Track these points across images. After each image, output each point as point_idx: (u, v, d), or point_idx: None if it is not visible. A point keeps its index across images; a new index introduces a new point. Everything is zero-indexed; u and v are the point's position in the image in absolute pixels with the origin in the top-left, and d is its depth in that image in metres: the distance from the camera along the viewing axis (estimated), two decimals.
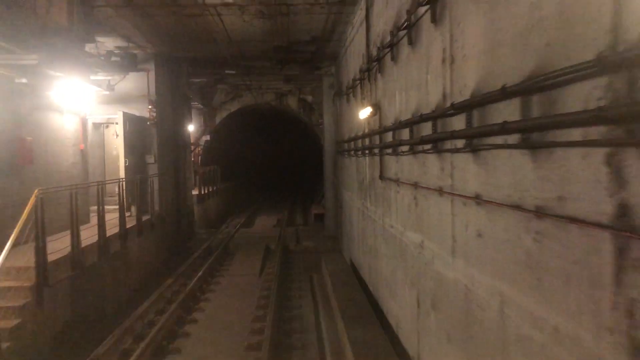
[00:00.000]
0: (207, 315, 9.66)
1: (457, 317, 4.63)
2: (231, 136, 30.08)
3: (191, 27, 11.67)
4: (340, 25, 11.73)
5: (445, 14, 4.82)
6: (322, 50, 14.28)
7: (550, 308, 2.96)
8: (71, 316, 8.18)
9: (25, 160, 9.07)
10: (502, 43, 3.59)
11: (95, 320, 8.98)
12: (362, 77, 9.80)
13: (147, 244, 12.48)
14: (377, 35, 8.50)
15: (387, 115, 7.85)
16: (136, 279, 11.53)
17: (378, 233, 8.83)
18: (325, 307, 9.71)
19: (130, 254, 11.23)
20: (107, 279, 9.86)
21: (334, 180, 16.78)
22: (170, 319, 8.82)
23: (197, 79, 17.75)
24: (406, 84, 6.53)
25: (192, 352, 7.84)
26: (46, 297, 7.32)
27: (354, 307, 8.75)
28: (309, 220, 22.85)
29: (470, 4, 4.18)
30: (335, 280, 10.78)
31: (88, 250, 8.90)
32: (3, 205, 8.34)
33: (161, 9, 10.25)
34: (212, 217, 22.50)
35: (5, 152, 8.52)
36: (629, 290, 2.28)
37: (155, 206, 13.37)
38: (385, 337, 7.36)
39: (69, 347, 7.72)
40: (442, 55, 4.93)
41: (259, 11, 10.41)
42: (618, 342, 2.35)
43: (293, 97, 24.71)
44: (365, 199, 10.27)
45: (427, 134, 5.22)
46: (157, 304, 10.01)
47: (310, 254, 15.04)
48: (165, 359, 7.56)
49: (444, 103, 4.85)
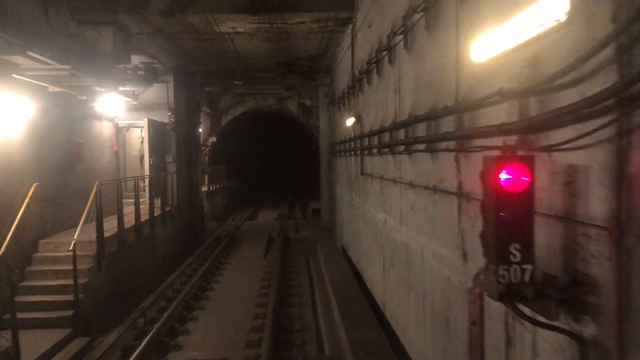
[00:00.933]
0: (221, 286, 11.88)
1: (403, 267, 6.85)
2: (236, 138, 32.26)
3: (206, 47, 13.89)
4: (332, 46, 13.96)
5: (395, 59, 7.05)
6: (318, 65, 16.51)
7: (438, 245, 5.18)
8: (116, 282, 10.39)
9: (78, 159, 11.31)
10: (420, 86, 5.81)
11: (131, 288, 11.18)
12: (348, 92, 12.01)
13: (168, 231, 14.71)
14: (359, 61, 10.72)
15: (365, 124, 10.07)
16: (161, 258, 13.75)
17: (360, 218, 11.06)
18: (318, 279, 11.94)
19: (156, 237, 13.45)
20: (140, 256, 12.07)
21: (328, 177, 19.01)
22: (194, 286, 11.05)
23: (208, 88, 19.97)
24: (376, 102, 8.76)
25: (213, 308, 10.07)
26: (103, 265, 9.55)
27: (341, 277, 10.98)
28: (307, 215, 25.08)
29: (405, 56, 6.41)
30: (327, 259, 13.01)
31: (127, 232, 11.12)
32: (64, 194, 10.57)
33: (184, 35, 12.45)
34: (219, 211, 24.73)
35: (64, 154, 10.76)
36: (462, 225, 4.50)
37: (174, 199, 15.59)
38: (362, 294, 9.60)
39: (117, 303, 9.93)
40: (395, 86, 7.16)
41: (265, 37, 12.63)
42: (459, 253, 4.57)
43: (293, 101, 26.86)
44: (352, 192, 12.50)
45: (385, 141, 7.45)
46: (180, 277, 12.25)
47: (308, 242, 17.24)
48: (193, 312, 9.79)
49: (395, 119, 7.07)
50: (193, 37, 12.60)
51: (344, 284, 10.51)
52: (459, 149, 4.54)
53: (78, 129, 11.49)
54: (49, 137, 10.16)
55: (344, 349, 7.19)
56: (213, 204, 23.52)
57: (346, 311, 8.41)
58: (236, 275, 12.84)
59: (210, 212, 22.67)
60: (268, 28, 11.76)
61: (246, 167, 36.60)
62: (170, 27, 11.58)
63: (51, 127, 10.28)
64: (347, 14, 10.64)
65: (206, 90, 20.57)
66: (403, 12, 6.38)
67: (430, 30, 5.34)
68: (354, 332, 7.31)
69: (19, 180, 8.98)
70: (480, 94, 3.87)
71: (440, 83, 5.02)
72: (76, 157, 11.21)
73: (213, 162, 27.28)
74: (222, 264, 14.06)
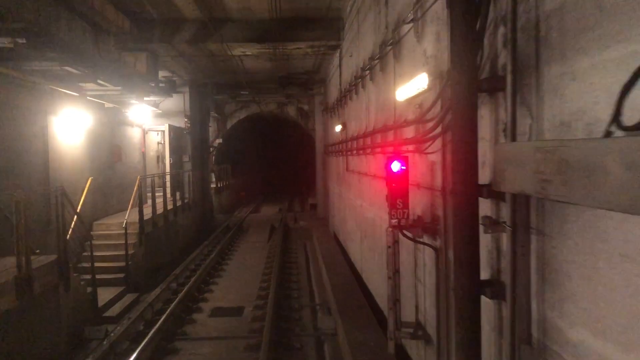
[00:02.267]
0: (233, 262, 14.54)
1: (371, 235, 9.50)
2: (240, 139, 34.90)
3: (219, 65, 16.54)
4: (325, 63, 16.62)
5: (366, 86, 9.72)
6: (313, 78, 19.17)
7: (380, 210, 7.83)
8: (151, 256, 13.03)
9: (117, 159, 13.97)
10: (379, 108, 8.47)
11: (162, 262, 13.82)
12: (337, 103, 14.67)
13: (187, 219, 17.37)
14: (344, 80, 13.38)
15: (349, 131, 12.72)
16: (182, 241, 16.40)
17: (346, 206, 13.72)
18: (312, 256, 14.61)
19: (178, 224, 16.11)
20: (166, 238, 14.72)
21: (323, 174, 21.69)
22: (212, 261, 13.71)
23: (218, 96, 22.63)
24: (355, 115, 11.42)
25: (228, 278, 12.71)
26: (143, 241, 12.21)
27: (330, 253, 13.65)
28: (305, 209, 27.74)
29: (371, 85, 9.08)
30: (320, 241, 15.68)
31: (157, 218, 13.77)
32: (108, 187, 13.24)
33: (201, 55, 15.09)
34: (226, 206, 27.40)
35: (108, 155, 13.42)
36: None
37: (190, 193, 18.25)
38: (347, 265, 12.27)
39: (152, 272, 12.58)
40: (366, 105, 9.83)
41: (268, 58, 15.29)
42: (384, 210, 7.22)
43: (292, 106, 29.45)
44: (340, 186, 15.16)
45: (360, 145, 10.12)
46: (199, 255, 14.91)
47: (305, 230, 19.92)
48: (213, 278, 12.45)
49: (366, 130, 9.73)
50: (209, 58, 15.26)
51: (332, 257, 13.19)
52: (382, 152, 7.21)
53: (117, 134, 14.16)
54: (98, 141, 12.82)
55: (328, 295, 9.87)
56: (220, 199, 26.17)
57: (332, 271, 11.11)
58: (245, 255, 15.51)
59: (218, 206, 25.32)
60: (271, 52, 14.41)
61: (249, 166, 39.23)
62: (191, 51, 14.24)
63: (99, 133, 12.95)
64: (334, 43, 13.28)
65: (215, 98, 23.22)
66: (369, 54, 9.05)
67: (383, 72, 8.01)
68: (335, 278, 10.00)
69: (80, 175, 11.64)
70: (401, 120, 6.54)
71: (388, 109, 7.69)
72: (116, 157, 13.87)
73: (219, 162, 29.91)
74: (232, 247, 16.72)
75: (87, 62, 10.54)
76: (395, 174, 5.32)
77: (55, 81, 9.99)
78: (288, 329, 8.79)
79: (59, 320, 7.74)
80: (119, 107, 13.31)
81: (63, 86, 10.26)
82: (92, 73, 10.32)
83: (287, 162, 45.47)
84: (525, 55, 3.24)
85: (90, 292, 9.04)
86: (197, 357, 7.67)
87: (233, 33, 12.96)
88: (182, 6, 11.87)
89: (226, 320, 9.34)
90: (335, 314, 8.73)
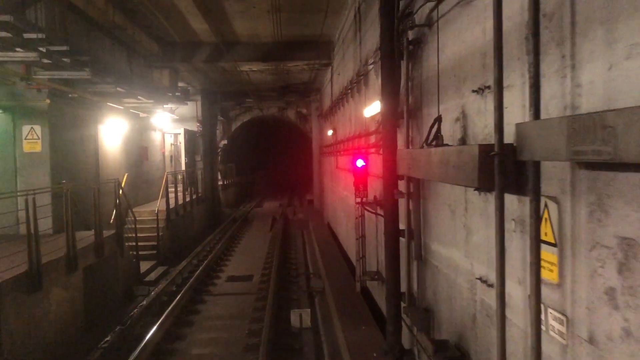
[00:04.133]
0: (242, 245, 17.22)
1: (351, 215, 12.16)
2: (243, 141, 37.58)
3: (228, 77, 19.22)
4: (319, 77, 19.31)
5: (349, 100, 12.38)
6: (310, 87, 21.87)
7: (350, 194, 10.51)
8: (174, 238, 15.69)
9: (144, 158, 16.65)
10: (357, 118, 11.14)
11: (182, 244, 16.47)
12: (329, 111, 17.35)
13: (200, 211, 20.05)
14: (335, 91, 16.05)
15: (338, 135, 15.41)
16: (196, 229, 19.08)
17: (336, 199, 16.41)
18: (308, 241, 17.30)
19: (193, 214, 18.78)
20: (184, 225, 17.38)
21: (318, 172, 24.39)
22: (224, 244, 16.39)
23: (225, 103, 25.32)
24: (342, 122, 14.10)
25: (238, 256, 15.38)
26: (168, 225, 14.88)
27: (323, 238, 16.33)
28: (303, 204, 30.43)
29: (352, 101, 11.74)
30: (315, 229, 18.37)
31: (177, 208, 16.43)
32: (138, 181, 15.93)
33: (214, 71, 17.76)
34: (231, 201, 30.08)
35: (137, 154, 16.10)
36: None
37: (202, 189, 20.92)
38: (336, 247, 14.96)
39: (175, 252, 15.25)
40: (350, 115, 12.49)
41: (271, 72, 17.97)
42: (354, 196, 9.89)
43: (291, 110, 32.10)
44: (332, 182, 17.86)
45: (345, 147, 12.79)
46: (212, 240, 17.59)
47: (303, 221, 22.61)
48: (227, 256, 15.13)
49: (349, 135, 12.40)
50: (220, 72, 17.95)
51: (325, 241, 15.89)
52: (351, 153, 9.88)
53: (144, 137, 16.83)
54: (130, 144, 15.50)
55: (319, 267, 12.57)
56: (226, 195, 28.85)
57: (323, 251, 13.81)
58: (251, 240, 18.20)
59: (224, 201, 27.98)
60: (273, 68, 17.11)
61: (252, 165, 41.92)
62: (206, 68, 16.92)
63: (132, 137, 15.62)
64: (326, 61, 15.95)
65: (223, 104, 25.90)
66: (350, 77, 11.71)
67: (359, 93, 10.69)
68: (325, 256, 12.69)
69: (118, 171, 14.30)
70: (367, 130, 9.22)
71: (361, 121, 10.35)
72: (143, 157, 16.55)
73: (224, 161, 32.58)
74: (240, 234, 19.41)
75: (124, 81, 13.22)
76: (359, 168, 8.01)
77: (107, 97, 12.68)
78: (288, 288, 11.47)
79: (117, 277, 10.42)
80: (147, 115, 16.00)
81: (112, 101, 12.94)
82: (130, 89, 12.99)
83: (287, 161, 48.18)
84: (415, 103, 5.92)
85: (135, 262, 11.71)
86: (220, 304, 10.34)
87: (242, 54, 15.64)
88: (199, 32, 14.51)
89: (239, 284, 12.01)
90: (324, 278, 11.42)
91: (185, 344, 8.20)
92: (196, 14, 12.38)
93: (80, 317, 8.48)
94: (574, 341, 2.79)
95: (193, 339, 8.46)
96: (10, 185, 10.12)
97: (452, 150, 3.69)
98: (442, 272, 5.19)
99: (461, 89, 4.44)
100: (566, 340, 2.86)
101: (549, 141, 2.38)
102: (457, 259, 4.73)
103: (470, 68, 4.18)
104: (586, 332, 2.67)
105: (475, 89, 4.05)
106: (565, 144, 2.23)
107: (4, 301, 6.24)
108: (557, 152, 2.30)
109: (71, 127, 11.44)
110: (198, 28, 14.00)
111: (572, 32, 2.73)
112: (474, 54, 4.11)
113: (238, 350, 7.81)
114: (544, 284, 3.05)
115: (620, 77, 2.33)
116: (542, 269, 3.03)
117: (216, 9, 12.13)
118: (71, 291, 8.17)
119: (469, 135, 4.34)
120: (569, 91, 2.76)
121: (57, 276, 7.71)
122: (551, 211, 2.97)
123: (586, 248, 2.66)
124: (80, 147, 11.89)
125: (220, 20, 13.15)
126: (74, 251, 8.24)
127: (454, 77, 4.63)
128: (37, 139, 10.23)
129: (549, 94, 2.94)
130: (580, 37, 2.65)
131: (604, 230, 2.50)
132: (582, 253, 2.70)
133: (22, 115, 10.19)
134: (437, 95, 4.97)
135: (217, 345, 8.07)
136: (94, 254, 9.20)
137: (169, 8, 11.95)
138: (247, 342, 7.99)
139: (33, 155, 10.26)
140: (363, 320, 8.19)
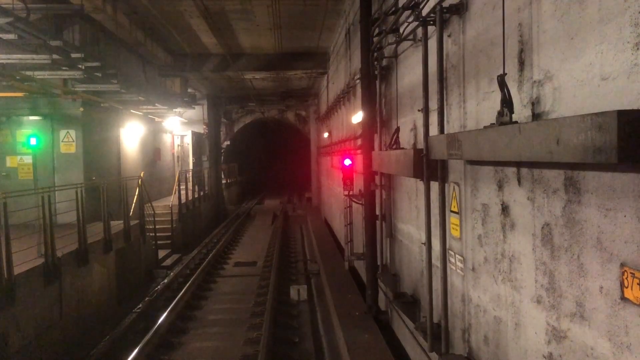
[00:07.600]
0: (245, 237, 18.90)
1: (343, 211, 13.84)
2: (245, 141, 39.26)
3: (233, 84, 20.90)
4: (317, 83, 21.00)
5: (342, 107, 14.06)
6: (308, 92, 23.56)
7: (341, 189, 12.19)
8: (184, 231, 17.35)
9: (158, 158, 18.33)
10: (348, 123, 12.81)
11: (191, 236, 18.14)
12: (325, 115, 19.03)
13: (206, 207, 21.72)
14: (330, 97, 17.73)
15: (333, 137, 17.08)
16: (203, 224, 20.75)
17: (331, 195, 18.09)
18: (306, 234, 18.98)
19: (200, 210, 20.45)
20: (192, 220, 19.05)
21: (316, 171, 26.08)
22: (230, 236, 18.07)
23: (229, 106, 27.02)
24: (337, 126, 15.78)
25: (243, 246, 17.06)
26: (180, 218, 16.56)
27: (320, 230, 18.01)
28: (302, 201, 32.12)
29: (343, 108, 13.42)
30: (313, 223, 20.06)
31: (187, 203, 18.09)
32: (152, 179, 17.62)
33: (220, 78, 19.45)
34: (234, 199, 31.76)
35: (152, 155, 17.78)
36: None
37: (208, 187, 22.59)
38: (331, 238, 16.65)
39: (186, 242, 16.92)
40: (342, 120, 14.16)
41: (273, 79, 19.65)
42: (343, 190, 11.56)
43: (291, 112, 33.78)
44: (328, 179, 19.54)
45: (338, 148, 14.47)
46: (219, 233, 19.27)
47: (301, 216, 24.29)
48: (233, 246, 16.80)
49: (341, 137, 14.07)
50: (226, 80, 19.64)
51: (321, 233, 17.57)
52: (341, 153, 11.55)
53: (157, 139, 18.51)
54: (146, 145, 17.17)
55: (315, 254, 14.26)
56: (229, 193, 30.52)
57: (320, 241, 15.50)
58: (254, 233, 19.88)
59: (227, 198, 29.64)
60: (275, 76, 18.79)
61: (253, 165, 43.61)
62: (213, 76, 18.60)
63: (147, 139, 17.30)
64: (323, 70, 17.64)
65: (226, 107, 27.59)
66: (342, 87, 13.38)
67: (349, 102, 12.36)
68: (321, 245, 14.39)
69: (136, 170, 15.96)
70: (355, 134, 10.90)
71: (350, 126, 12.01)
72: (157, 157, 18.23)
73: (227, 161, 34.24)
74: (243, 228, 21.09)
75: (144, 90, 14.88)
76: (347, 166, 9.68)
77: (128, 105, 14.37)
78: (288, 272, 13.15)
79: (140, 260, 12.09)
80: (160, 120, 17.68)
81: (132, 107, 14.63)
82: (147, 97, 14.66)
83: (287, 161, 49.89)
84: (386, 115, 7.60)
85: (154, 248, 13.39)
86: (229, 284, 12.01)
87: (246, 64, 17.32)
88: (208, 45, 16.18)
89: (246, 268, 13.68)
90: (319, 262, 13.10)
91: (202, 312, 9.88)
92: (207, 31, 14.07)
93: (114, 291, 10.16)
94: (466, 272, 4.46)
95: (209, 308, 10.14)
96: (49, 181, 11.79)
97: (400, 152, 5.37)
98: (404, 244, 6.86)
99: (413, 108, 6.11)
100: (463, 272, 4.54)
101: (440, 147, 4.06)
102: (412, 232, 6.40)
103: (417, 94, 5.86)
104: (471, 264, 4.35)
105: (420, 109, 5.72)
106: (446, 149, 3.90)
107: (64, 270, 7.92)
108: (442, 153, 3.98)
109: (99, 131, 13.11)
110: (207, 42, 15.68)
111: (463, 79, 4.41)
112: (419, 83, 5.78)
113: (246, 316, 9.48)
114: (452, 238, 4.73)
115: (481, 110, 4.01)
116: (451, 230, 4.72)
117: (225, 27, 13.81)
118: (107, 268, 9.85)
119: (418, 142, 6.01)
120: (462, 116, 4.44)
121: (98, 255, 9.39)
122: (456, 191, 4.65)
123: (470, 212, 4.34)
124: (106, 149, 13.56)
125: (228, 36, 14.83)
126: (110, 235, 9.92)
127: (410, 98, 6.31)
128: (72, 142, 11.91)
129: (453, 116, 4.62)
130: (466, 83, 4.33)
131: (476, 201, 4.18)
132: (469, 216, 4.38)
133: (59, 121, 11.87)
134: (397, 111, 6.65)
135: (228, 313, 9.75)
136: (123, 239, 10.87)
137: (184, 26, 13.64)
138: (254, 310, 9.66)
139: (69, 155, 11.94)
140: (350, 292, 9.87)
